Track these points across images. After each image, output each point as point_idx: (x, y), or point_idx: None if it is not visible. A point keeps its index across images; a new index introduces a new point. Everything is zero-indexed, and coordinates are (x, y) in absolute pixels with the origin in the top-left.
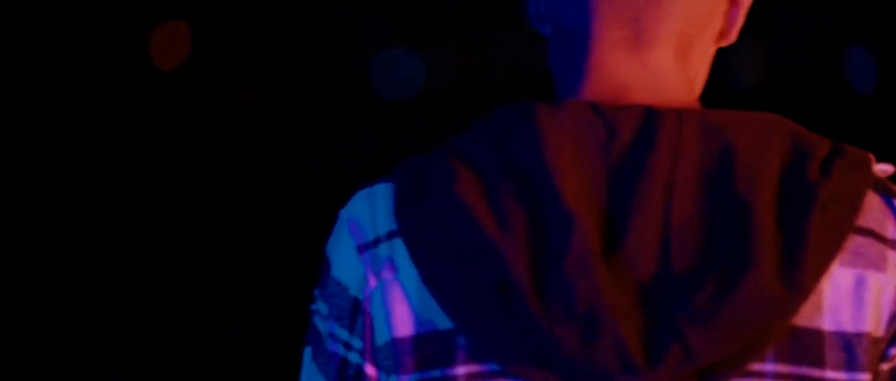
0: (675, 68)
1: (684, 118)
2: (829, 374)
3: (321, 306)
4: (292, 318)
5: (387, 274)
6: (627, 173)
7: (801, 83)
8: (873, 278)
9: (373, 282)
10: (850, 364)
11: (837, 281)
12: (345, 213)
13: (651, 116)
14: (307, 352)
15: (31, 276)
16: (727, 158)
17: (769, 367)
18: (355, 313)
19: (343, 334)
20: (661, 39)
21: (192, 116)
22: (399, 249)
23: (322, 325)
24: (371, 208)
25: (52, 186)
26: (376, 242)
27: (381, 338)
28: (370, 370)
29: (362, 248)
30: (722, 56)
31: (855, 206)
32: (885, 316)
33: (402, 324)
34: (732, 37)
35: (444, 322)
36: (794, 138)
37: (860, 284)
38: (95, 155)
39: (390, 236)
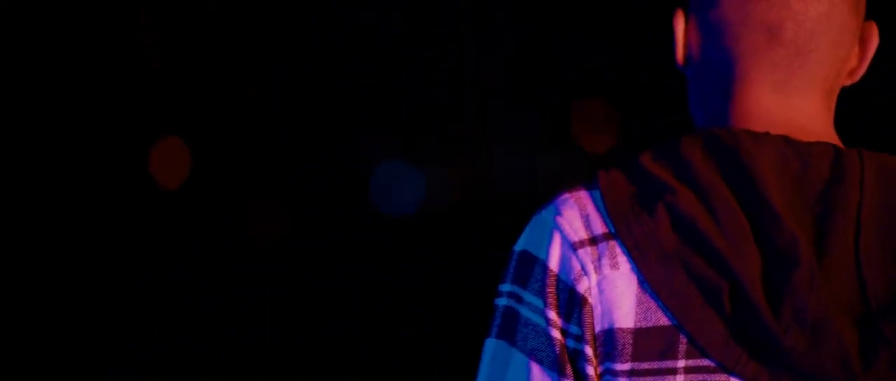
0: (824, 110)
1: (864, 157)
2: None
3: (532, 299)
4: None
5: (606, 270)
6: (824, 204)
7: None
8: None
9: (593, 276)
10: None
11: None
12: (549, 215)
13: (838, 154)
14: (500, 344)
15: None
16: None
17: None
18: (572, 302)
19: (560, 321)
20: (809, 86)
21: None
22: (616, 249)
23: (534, 315)
24: (581, 210)
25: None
26: (593, 241)
27: (600, 326)
28: (589, 351)
29: (578, 245)
30: None
31: None
32: None
33: (623, 317)
34: (859, 75)
35: (665, 319)
36: None
37: None
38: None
39: (607, 237)
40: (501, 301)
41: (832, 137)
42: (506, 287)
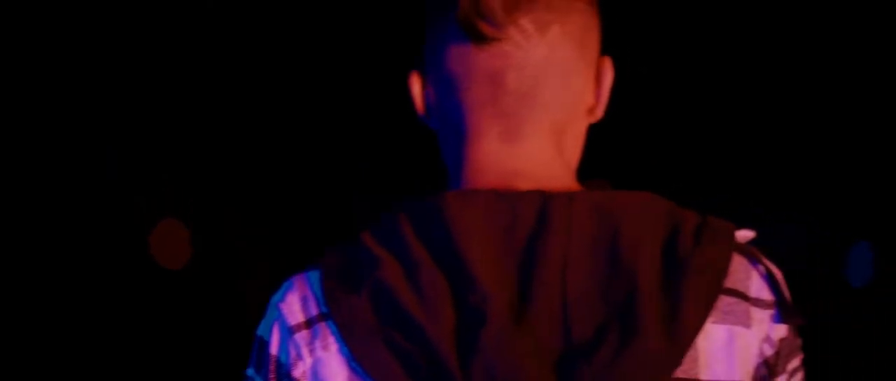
0: (553, 154)
1: (575, 201)
2: None
3: None
4: None
5: (319, 352)
6: (529, 253)
7: (801, 281)
8: (741, 333)
9: (307, 359)
10: None
11: (712, 337)
12: (276, 299)
13: (546, 201)
14: None
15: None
16: (615, 235)
17: None
18: None
19: None
20: (537, 131)
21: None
22: (328, 330)
23: None
24: (301, 293)
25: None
26: (308, 323)
27: None
28: None
29: (295, 329)
30: None
31: (723, 269)
32: (752, 367)
33: None
34: (600, 113)
35: None
36: (669, 214)
37: (731, 339)
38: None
39: (321, 318)
40: None
41: (564, 179)
42: (249, 371)
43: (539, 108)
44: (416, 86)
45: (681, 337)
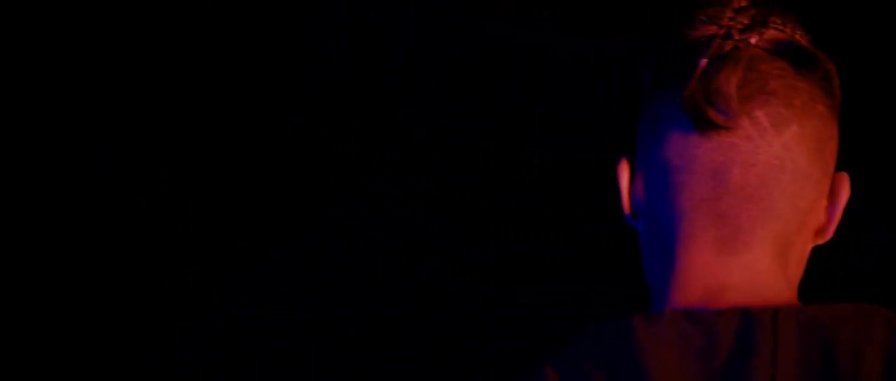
0: (773, 269)
1: (781, 317)
2: None
3: None
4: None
5: None
6: (730, 379)
7: None
8: None
9: None
10: None
11: None
12: None
13: (748, 319)
14: None
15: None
16: (829, 353)
17: None
18: None
19: None
20: (759, 240)
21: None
22: None
23: None
24: None
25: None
26: None
27: None
28: None
29: None
30: None
31: None
32: None
33: None
34: (830, 234)
35: None
36: (893, 326)
37: None
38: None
39: None
40: None
41: (783, 299)
42: None
43: (764, 214)
44: (624, 177)
45: None
